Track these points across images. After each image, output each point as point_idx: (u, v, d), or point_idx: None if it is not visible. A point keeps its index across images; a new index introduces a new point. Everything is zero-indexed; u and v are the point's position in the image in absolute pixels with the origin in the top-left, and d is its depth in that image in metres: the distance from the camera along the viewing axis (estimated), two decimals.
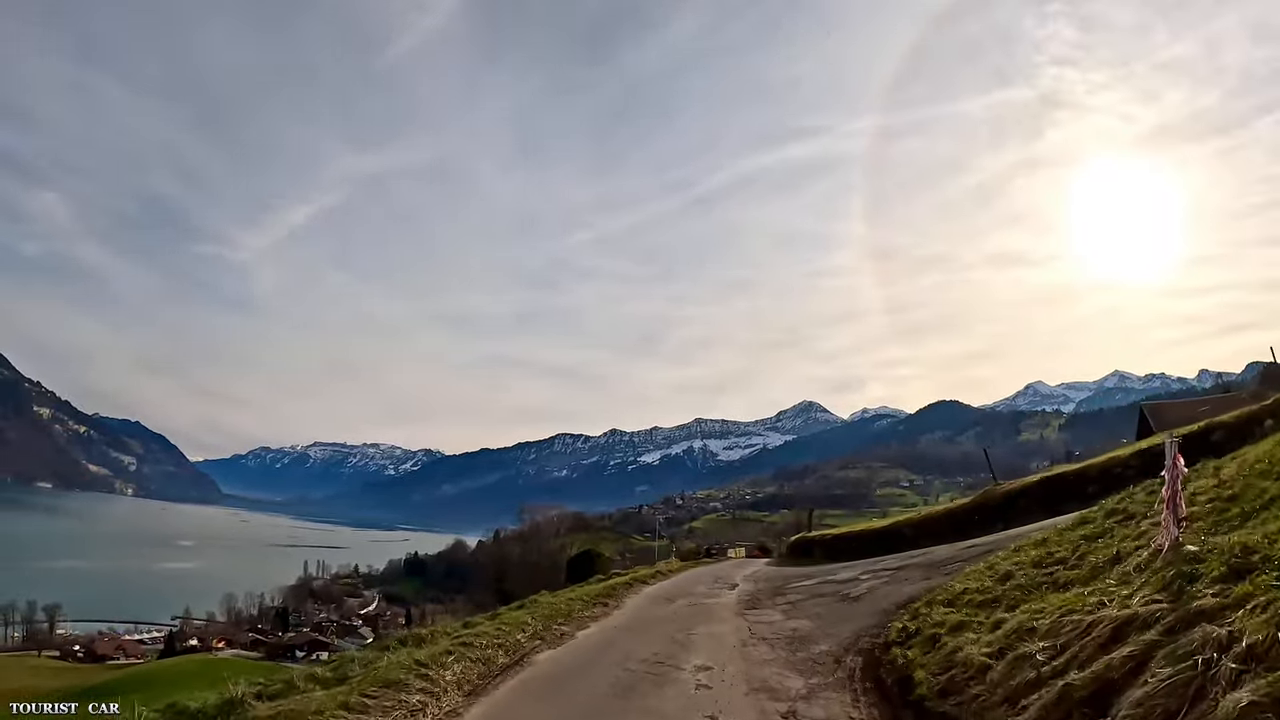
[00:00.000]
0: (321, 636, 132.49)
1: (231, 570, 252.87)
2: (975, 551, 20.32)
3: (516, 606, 23.62)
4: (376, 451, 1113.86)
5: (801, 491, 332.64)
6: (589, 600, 23.85)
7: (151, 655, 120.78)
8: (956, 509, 31.07)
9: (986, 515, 28.06)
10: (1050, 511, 23.08)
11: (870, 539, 36.02)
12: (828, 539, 44.73)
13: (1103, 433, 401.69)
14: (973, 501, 30.25)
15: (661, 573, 36.93)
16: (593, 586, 29.07)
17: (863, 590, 20.51)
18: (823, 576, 25.42)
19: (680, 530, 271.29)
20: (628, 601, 24.86)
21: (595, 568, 56.94)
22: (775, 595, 23.35)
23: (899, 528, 33.88)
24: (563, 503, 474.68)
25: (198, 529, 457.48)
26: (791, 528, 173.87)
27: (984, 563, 16.39)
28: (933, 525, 31.65)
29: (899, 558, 25.85)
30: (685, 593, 27.11)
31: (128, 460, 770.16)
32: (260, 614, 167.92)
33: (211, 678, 47.86)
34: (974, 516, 28.97)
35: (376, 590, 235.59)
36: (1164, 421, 51.16)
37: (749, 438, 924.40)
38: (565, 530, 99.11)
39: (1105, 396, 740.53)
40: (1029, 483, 28.03)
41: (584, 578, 55.43)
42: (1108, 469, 24.29)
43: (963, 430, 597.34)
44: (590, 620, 20.57)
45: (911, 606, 15.44)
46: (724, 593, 26.55)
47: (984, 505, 29.14)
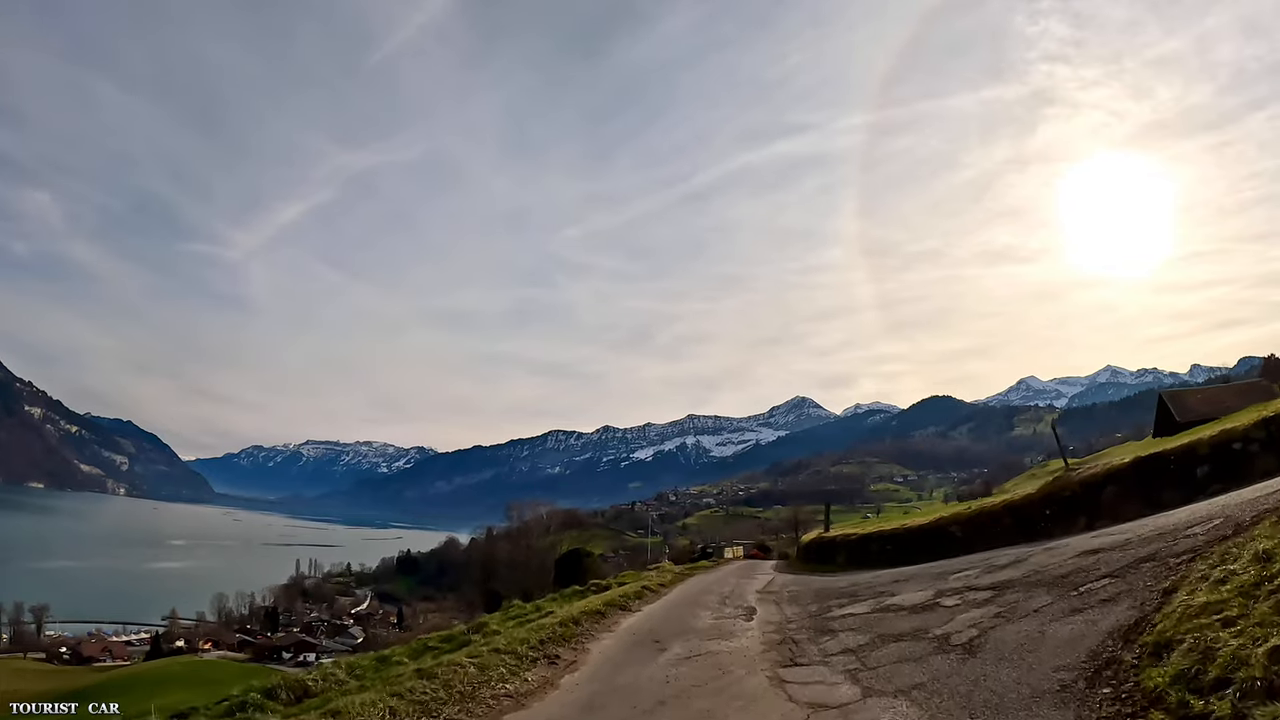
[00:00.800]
0: (309, 638, 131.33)
1: (223, 570, 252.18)
2: (1096, 561, 12.88)
3: (466, 636, 17.80)
4: (369, 449, 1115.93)
5: (795, 487, 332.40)
6: (536, 647, 14.16)
7: (139, 657, 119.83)
8: (1019, 501, 24.23)
9: (1061, 509, 22.02)
10: (1150, 504, 18.18)
11: (910, 540, 29.12)
12: (853, 540, 35.88)
13: (1096, 427, 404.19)
14: (1041, 491, 23.54)
15: (650, 589, 26.75)
16: (546, 622, 17.05)
17: (965, 629, 11.30)
18: (875, 598, 16.73)
19: (674, 527, 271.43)
20: (594, 651, 14.92)
21: (584, 568, 55.19)
22: (819, 633, 14.30)
23: (943, 525, 27.18)
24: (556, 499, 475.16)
25: (190, 528, 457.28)
26: (787, 524, 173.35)
27: None
28: (989, 522, 24.81)
29: (973, 568, 17.19)
30: (681, 629, 16.88)
31: (120, 460, 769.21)
32: (251, 614, 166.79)
33: (196, 681, 46.85)
34: (1044, 510, 22.75)
35: (369, 589, 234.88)
36: (1187, 410, 49.78)
37: (742, 434, 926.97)
38: (555, 528, 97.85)
39: (1098, 391, 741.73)
40: (1116, 466, 21.18)
41: (572, 578, 54.16)
42: (1222, 444, 18.53)
43: (956, 425, 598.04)
44: (528, 698, 11.27)
45: (1125, 671, 7.44)
46: (738, 626, 16.81)
47: (1056, 496, 22.60)
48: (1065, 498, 22.23)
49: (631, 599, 23.37)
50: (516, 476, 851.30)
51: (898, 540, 30.33)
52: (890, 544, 30.68)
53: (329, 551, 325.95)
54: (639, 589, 25.94)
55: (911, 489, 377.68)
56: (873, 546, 32.57)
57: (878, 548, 31.78)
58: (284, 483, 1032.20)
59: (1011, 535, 22.46)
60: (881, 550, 31.01)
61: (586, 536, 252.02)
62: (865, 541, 34.13)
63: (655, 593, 26.52)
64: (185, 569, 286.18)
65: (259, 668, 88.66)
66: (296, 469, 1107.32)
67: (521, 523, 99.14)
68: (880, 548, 31.52)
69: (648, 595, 25.36)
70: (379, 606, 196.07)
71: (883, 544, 31.52)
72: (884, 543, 31.56)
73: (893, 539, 30.96)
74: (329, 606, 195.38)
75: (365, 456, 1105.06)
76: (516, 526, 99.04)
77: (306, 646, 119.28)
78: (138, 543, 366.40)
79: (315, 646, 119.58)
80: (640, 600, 23.77)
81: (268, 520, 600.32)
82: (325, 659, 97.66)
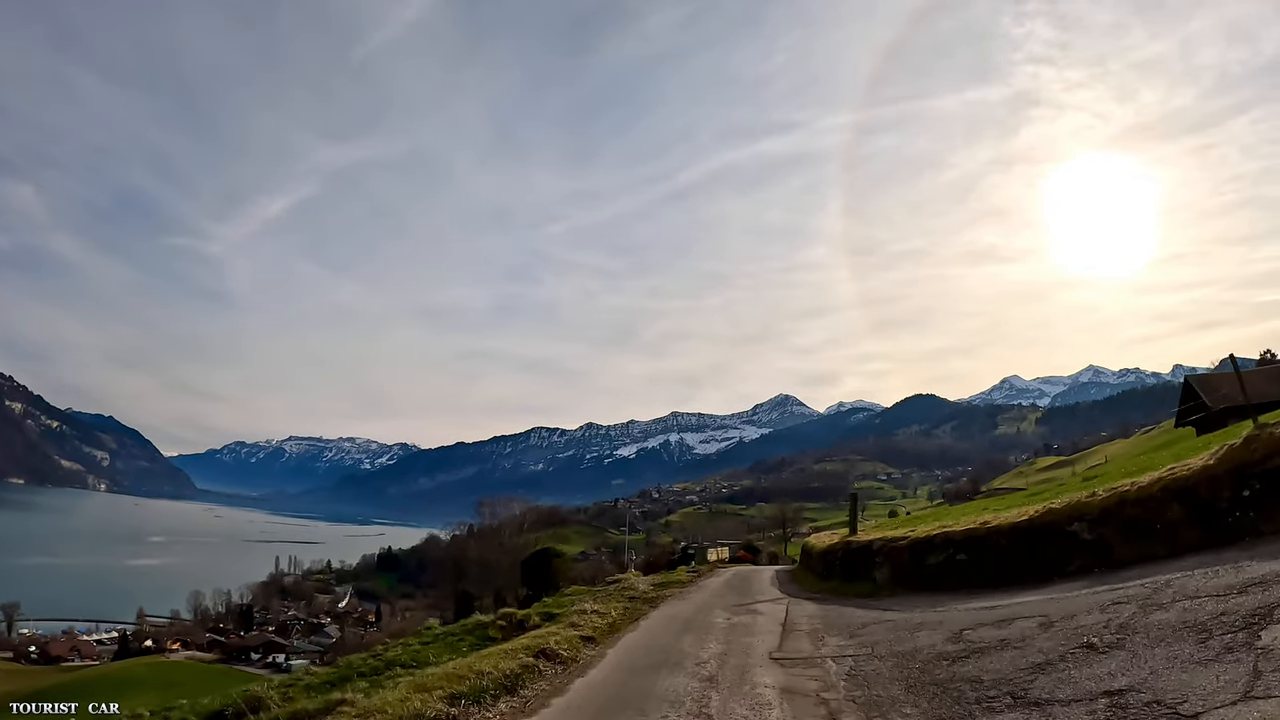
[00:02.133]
0: (279, 638, 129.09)
1: (203, 567, 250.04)
2: None
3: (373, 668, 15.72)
4: (352, 445, 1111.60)
5: (778, 485, 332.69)
6: None
7: (108, 657, 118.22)
8: (1189, 477, 13.90)
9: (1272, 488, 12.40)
10: None
11: (997, 548, 17.36)
12: (900, 547, 21.33)
13: (1079, 426, 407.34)
14: (1226, 460, 13.44)
15: (595, 633, 16.54)
16: None
17: None
18: None
19: (656, 524, 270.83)
20: None
21: (552, 569, 53.49)
22: None
23: (1056, 523, 16.05)
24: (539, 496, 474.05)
25: (170, 525, 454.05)
26: (772, 521, 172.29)
27: None
28: (1142, 516, 14.30)
29: None
30: None
31: (101, 456, 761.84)
32: (228, 612, 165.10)
33: (159, 683, 45.30)
34: (1237, 490, 12.87)
35: (349, 586, 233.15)
36: (1217, 394, 47.90)
37: (725, 431, 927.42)
38: (531, 525, 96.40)
39: (1080, 391, 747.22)
40: None
41: (541, 580, 52.86)
42: None
43: (939, 424, 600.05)
44: None
45: None
46: None
47: (1255, 468, 12.75)
48: (1270, 473, 12.45)
49: (564, 651, 13.82)
50: (499, 473, 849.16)
51: (976, 547, 18.09)
52: (964, 552, 18.42)
53: (310, 549, 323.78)
54: (574, 639, 15.05)
55: (895, 487, 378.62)
56: (933, 558, 19.45)
57: (942, 560, 19.06)
58: (266, 479, 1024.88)
59: (1187, 536, 13.22)
60: (949, 564, 18.67)
61: (559, 536, 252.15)
62: (921, 550, 20.18)
63: (577, 662, 13.66)
64: (164, 566, 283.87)
65: (226, 669, 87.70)
66: (279, 465, 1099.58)
67: (494, 520, 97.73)
68: (946, 560, 18.91)
69: (586, 654, 14.44)
70: (358, 605, 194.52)
71: (949, 553, 18.91)
72: (952, 550, 18.89)
73: (968, 545, 18.41)
74: (307, 605, 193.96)
75: (348, 453, 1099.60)
76: (488, 524, 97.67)
77: (276, 647, 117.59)
78: (117, 539, 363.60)
79: (285, 647, 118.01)
80: (576, 665, 13.34)
81: (249, 517, 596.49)
82: (295, 659, 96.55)
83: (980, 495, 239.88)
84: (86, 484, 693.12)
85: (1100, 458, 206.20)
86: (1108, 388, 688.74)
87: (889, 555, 21.13)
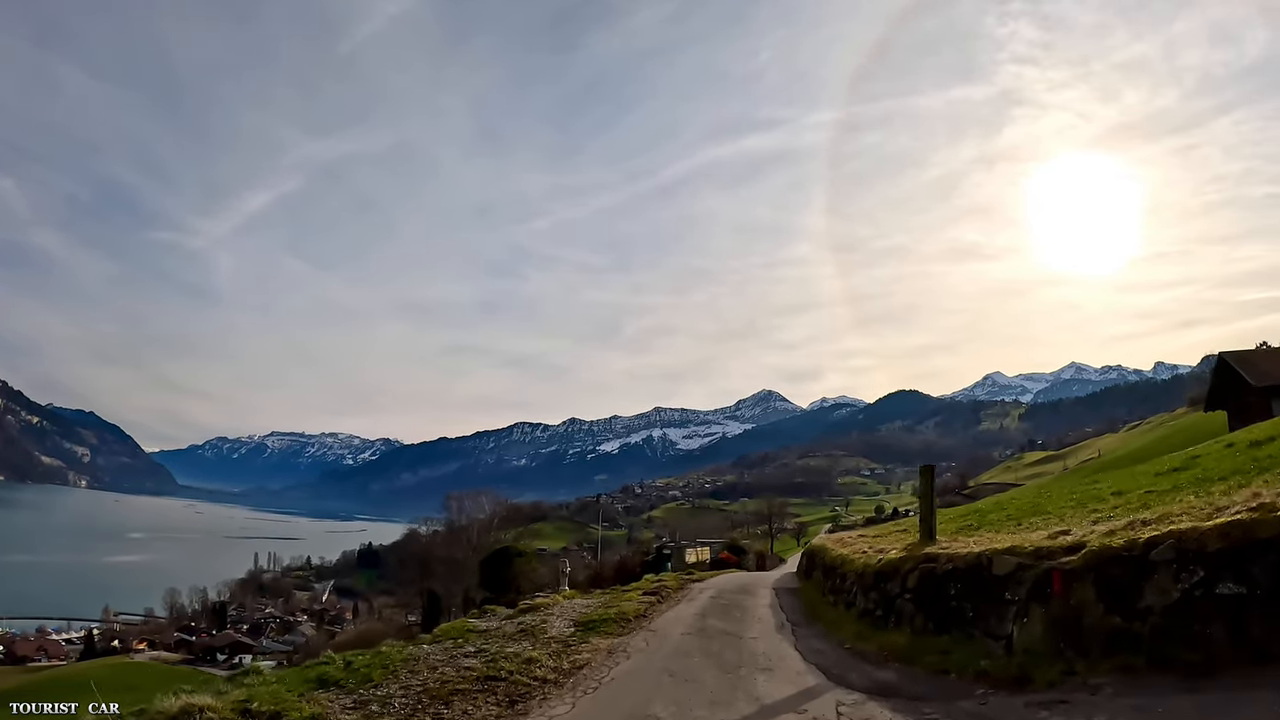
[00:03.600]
0: (246, 638, 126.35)
1: (182, 564, 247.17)
2: None
3: None
4: (335, 441, 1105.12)
5: (762, 480, 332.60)
6: None
7: (75, 656, 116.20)
8: None
9: None
10: None
11: None
12: (1073, 571, 8.57)
13: (1063, 422, 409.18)
14: None
15: None
16: None
17: None
18: None
19: (639, 519, 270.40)
20: None
21: (513, 570, 51.26)
22: None
23: None
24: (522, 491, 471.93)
25: (150, 521, 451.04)
26: (756, 517, 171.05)
27: None
28: None
29: None
30: None
31: (81, 451, 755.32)
32: (203, 609, 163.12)
33: (118, 686, 42.75)
34: None
35: (329, 583, 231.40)
36: (1260, 372, 42.79)
37: (708, 426, 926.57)
38: (502, 521, 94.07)
39: (1063, 388, 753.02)
40: None
41: (501, 582, 51.04)
42: None
43: (923, 420, 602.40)
44: None
45: None
46: None
47: None
48: None
49: None
50: (482, 468, 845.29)
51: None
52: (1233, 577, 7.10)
53: (291, 544, 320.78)
54: None
55: (879, 482, 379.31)
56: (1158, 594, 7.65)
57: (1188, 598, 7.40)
58: (248, 474, 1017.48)
59: None
60: (1207, 607, 7.20)
61: (549, 530, 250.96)
62: (1133, 573, 7.93)
63: None
64: (143, 563, 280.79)
65: (190, 671, 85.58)
66: (261, 461, 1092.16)
67: (462, 516, 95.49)
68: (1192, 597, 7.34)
69: None
70: (336, 602, 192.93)
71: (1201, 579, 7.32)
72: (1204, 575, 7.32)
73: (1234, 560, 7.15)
74: (285, 602, 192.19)
75: (330, 448, 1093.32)
76: (458, 521, 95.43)
77: (242, 648, 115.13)
78: (96, 536, 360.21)
79: (252, 648, 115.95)
80: None
81: (230, 513, 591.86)
82: (263, 660, 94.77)
83: (967, 491, 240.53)
84: (67, 480, 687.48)
85: (1092, 452, 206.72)
86: (1090, 384, 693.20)
87: (1043, 588, 9.00)
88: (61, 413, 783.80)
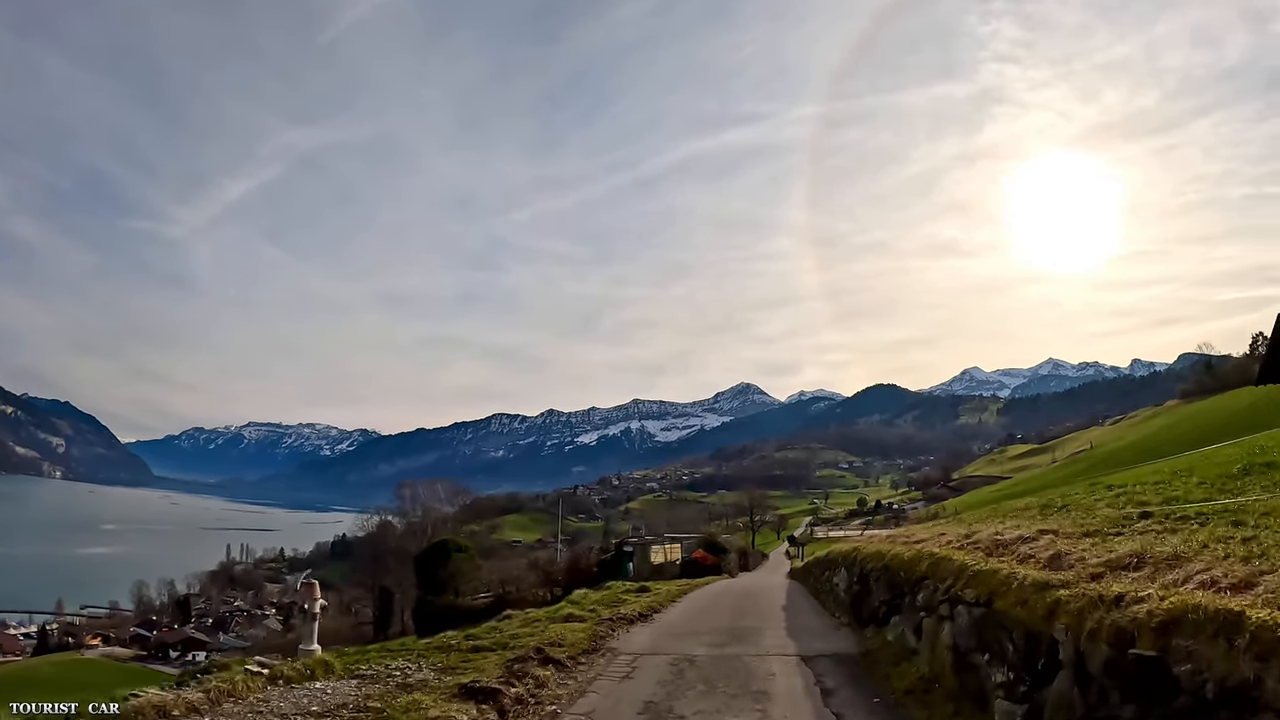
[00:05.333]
0: (200, 634, 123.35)
1: (154, 555, 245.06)
2: None
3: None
4: (312, 431, 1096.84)
5: (740, 472, 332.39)
6: None
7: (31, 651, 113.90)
8: None
9: None
10: None
11: None
12: None
13: (1041, 417, 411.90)
14: None
15: None
16: None
17: None
18: None
19: (616, 511, 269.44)
20: None
21: (450, 568, 48.58)
22: None
23: None
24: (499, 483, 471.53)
25: (124, 512, 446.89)
26: (734, 509, 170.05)
27: None
28: None
29: None
30: None
31: (56, 442, 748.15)
32: (171, 602, 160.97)
33: (63, 685, 41.06)
34: None
35: (302, 574, 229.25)
36: None
37: (687, 419, 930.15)
38: (462, 513, 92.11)
39: (1040, 383, 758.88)
40: None
41: (435, 582, 48.84)
42: None
43: (901, 413, 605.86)
44: None
45: None
46: None
47: None
48: None
49: None
50: (460, 459, 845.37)
51: None
52: None
53: (266, 536, 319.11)
54: None
55: (857, 475, 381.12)
56: None
57: None
58: (225, 465, 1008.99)
59: None
60: None
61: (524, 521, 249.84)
62: None
63: None
64: (115, 555, 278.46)
65: (140, 669, 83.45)
66: (238, 451, 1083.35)
67: (415, 506, 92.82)
68: None
69: None
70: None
71: None
72: None
73: None
74: (255, 594, 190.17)
75: (308, 439, 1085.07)
76: (413, 512, 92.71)
77: (196, 644, 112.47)
78: (69, 527, 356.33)
79: (206, 645, 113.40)
80: None
81: (206, 504, 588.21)
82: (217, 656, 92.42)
83: (953, 483, 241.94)
84: (41, 471, 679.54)
85: (1083, 444, 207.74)
86: (1067, 381, 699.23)
87: None
88: (37, 403, 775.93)
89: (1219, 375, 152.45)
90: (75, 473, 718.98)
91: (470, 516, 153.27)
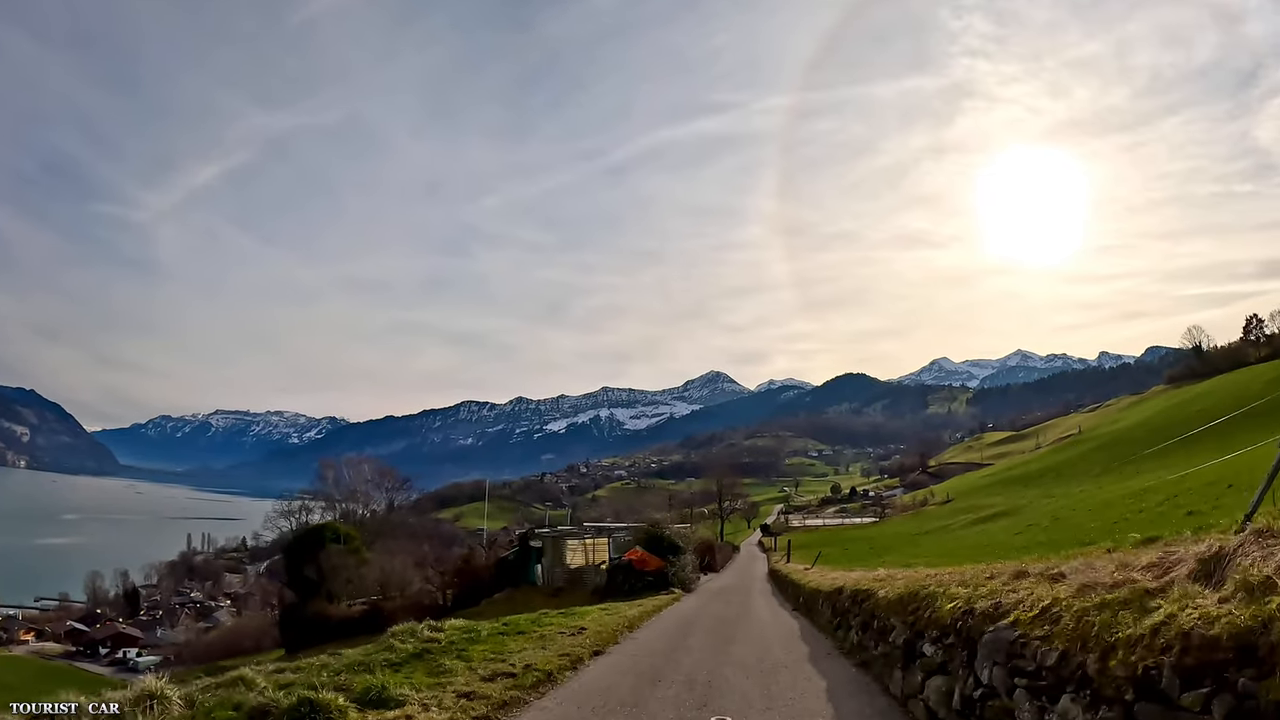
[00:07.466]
0: (131, 629, 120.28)
1: (114, 546, 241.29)
2: None
3: None
4: (280, 419, 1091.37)
5: (709, 460, 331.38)
6: None
7: None
8: None
9: None
10: None
11: None
12: None
13: (1011, 407, 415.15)
14: None
15: None
16: None
17: None
18: None
19: (583, 499, 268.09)
20: None
21: (321, 567, 43.64)
22: None
23: None
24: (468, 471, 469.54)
25: (88, 502, 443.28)
26: (702, 496, 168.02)
27: None
28: None
29: None
30: None
31: (20, 431, 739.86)
32: (125, 594, 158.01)
33: None
34: None
35: (264, 564, 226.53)
36: None
37: (656, 407, 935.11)
38: (434, 500, 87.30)
39: (1009, 374, 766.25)
40: None
41: (304, 581, 44.83)
42: None
43: (870, 402, 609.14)
44: None
45: None
46: None
47: None
48: None
49: None
50: (428, 447, 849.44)
51: None
52: None
53: (231, 525, 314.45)
54: None
55: (827, 463, 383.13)
56: None
57: None
58: (192, 454, 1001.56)
59: None
60: None
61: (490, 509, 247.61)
62: None
63: None
64: (74, 545, 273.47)
65: (66, 668, 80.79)
66: (205, 440, 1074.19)
67: (337, 489, 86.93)
68: None
69: None
70: (265, 584, 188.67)
71: None
72: None
73: None
74: (213, 584, 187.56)
75: (276, 427, 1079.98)
76: (335, 495, 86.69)
77: (126, 641, 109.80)
78: (29, 518, 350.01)
79: (137, 641, 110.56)
80: None
81: (171, 493, 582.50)
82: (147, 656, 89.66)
83: (930, 470, 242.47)
84: (5, 461, 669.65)
85: (1062, 431, 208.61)
86: (1036, 371, 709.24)
87: None
88: (0, 391, 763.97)
89: (1209, 360, 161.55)
90: (40, 462, 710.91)
91: (435, 505, 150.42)
